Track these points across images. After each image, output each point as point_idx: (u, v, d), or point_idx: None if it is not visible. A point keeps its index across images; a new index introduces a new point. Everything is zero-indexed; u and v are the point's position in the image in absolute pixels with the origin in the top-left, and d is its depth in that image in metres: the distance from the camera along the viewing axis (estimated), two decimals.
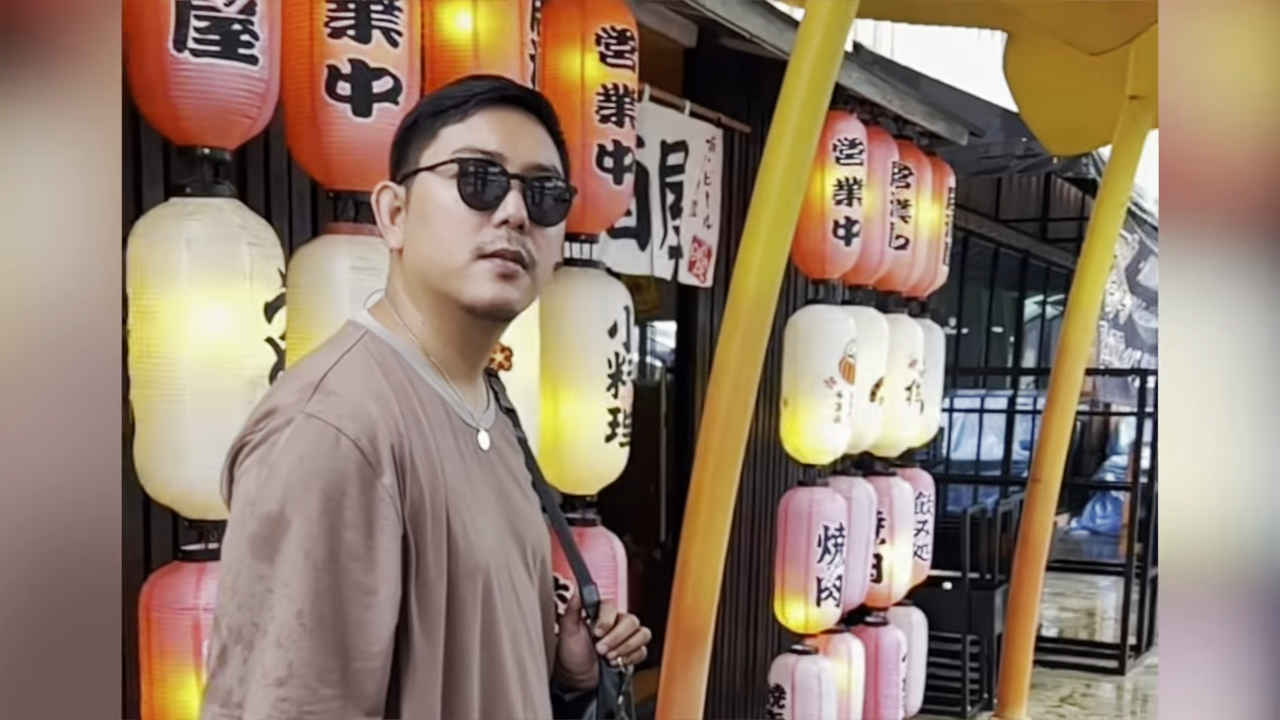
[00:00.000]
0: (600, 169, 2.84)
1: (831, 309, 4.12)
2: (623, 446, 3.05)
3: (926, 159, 4.67)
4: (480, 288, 1.34)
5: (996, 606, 5.91)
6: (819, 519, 4.15)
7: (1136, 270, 8.24)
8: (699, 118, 3.83)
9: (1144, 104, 3.72)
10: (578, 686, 1.63)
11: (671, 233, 3.71)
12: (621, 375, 2.97)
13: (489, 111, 1.37)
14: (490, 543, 1.39)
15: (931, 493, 5.14)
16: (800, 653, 4.28)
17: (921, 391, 4.82)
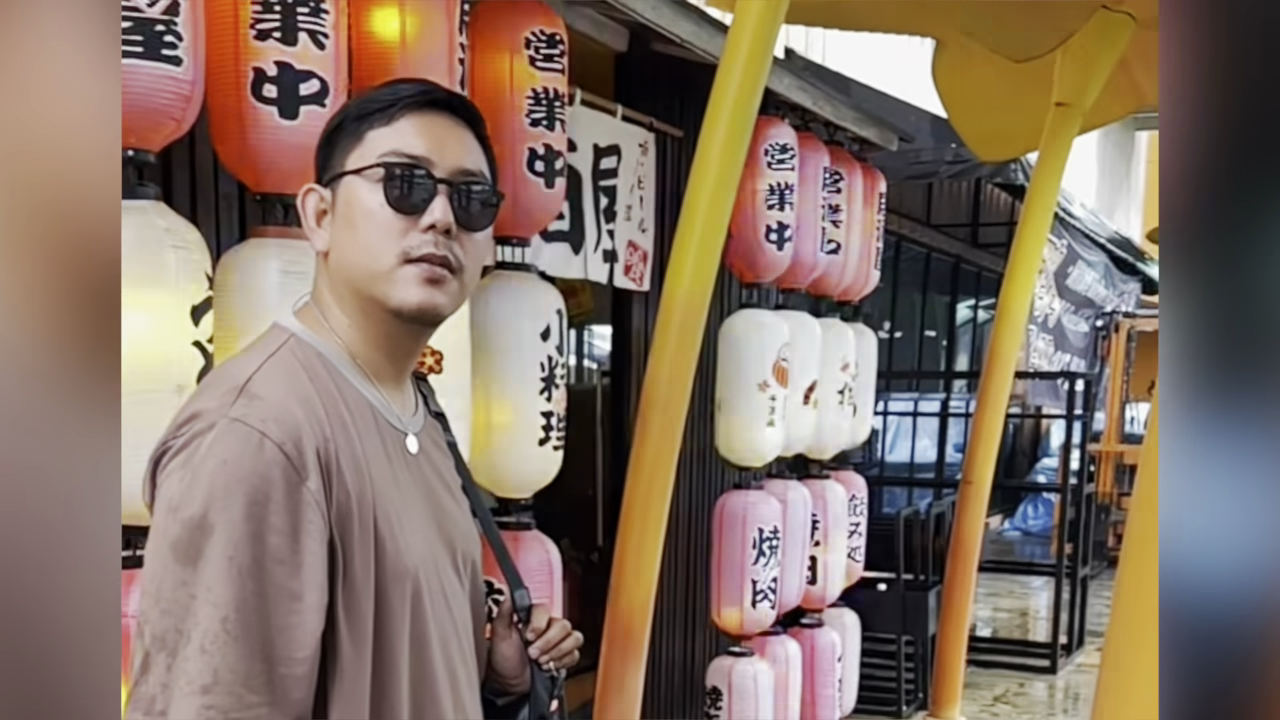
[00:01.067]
0: (531, 172, 2.83)
1: (764, 313, 4.15)
2: (557, 450, 3.05)
3: (857, 164, 4.72)
4: (407, 292, 1.34)
5: (930, 607, 5.97)
6: (753, 522, 4.17)
7: (1065, 275, 8.37)
8: (631, 122, 3.83)
9: (1069, 111, 3.79)
10: (510, 691, 1.63)
11: (605, 236, 3.72)
12: (555, 379, 2.97)
13: (416, 115, 1.37)
14: (419, 547, 1.39)
15: (864, 495, 5.18)
16: (737, 654, 4.30)
17: (854, 395, 4.86)
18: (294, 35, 2.12)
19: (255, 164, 2.17)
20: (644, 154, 3.90)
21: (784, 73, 4.12)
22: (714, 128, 2.51)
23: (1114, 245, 9.77)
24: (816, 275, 4.47)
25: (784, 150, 4.01)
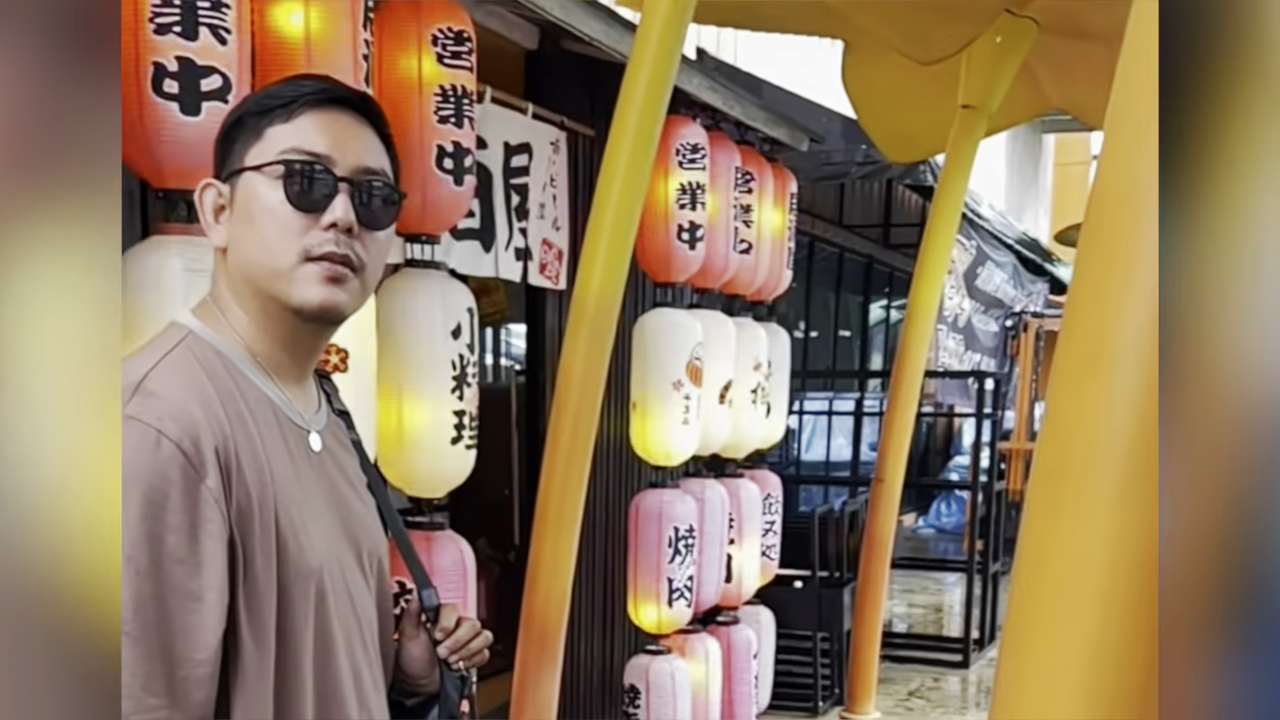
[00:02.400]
0: (440, 170, 2.82)
1: (678, 312, 4.17)
2: (469, 449, 3.03)
3: (768, 164, 4.74)
4: (308, 291, 1.34)
5: (846, 604, 6.03)
6: (669, 520, 4.19)
7: (974, 275, 8.50)
8: (543, 120, 3.83)
9: (975, 113, 3.87)
10: (419, 692, 1.62)
11: (518, 234, 3.70)
12: (466, 377, 2.96)
13: (316, 113, 1.36)
14: (323, 546, 1.38)
15: (780, 493, 5.22)
16: (654, 653, 4.32)
17: (768, 394, 4.90)
18: (195, 30, 2.08)
19: (156, 160, 2.13)
20: (556, 152, 3.90)
21: (694, 72, 4.14)
22: (623, 126, 2.53)
23: (1022, 246, 9.95)
24: (729, 275, 4.49)
25: (695, 150, 4.04)
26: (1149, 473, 1.01)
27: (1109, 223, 1.06)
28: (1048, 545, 1.08)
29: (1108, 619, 1.03)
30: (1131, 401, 1.02)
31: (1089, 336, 1.06)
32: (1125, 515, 1.02)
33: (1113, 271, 1.04)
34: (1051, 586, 1.08)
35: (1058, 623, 1.07)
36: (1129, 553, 1.02)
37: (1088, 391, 1.05)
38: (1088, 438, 1.05)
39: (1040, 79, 4.04)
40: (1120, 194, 1.05)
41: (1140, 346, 1.01)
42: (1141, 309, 1.01)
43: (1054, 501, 1.08)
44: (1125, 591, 1.03)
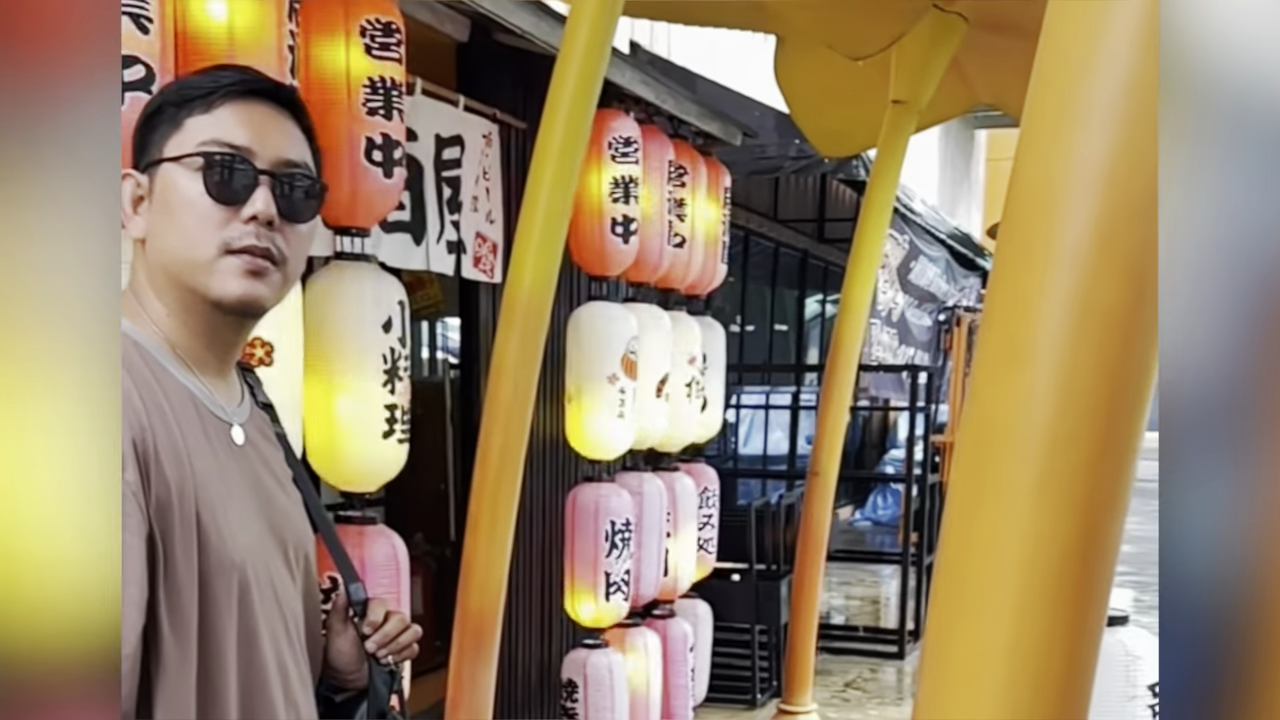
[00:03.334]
0: (369, 162, 2.80)
1: (612, 306, 4.17)
2: (402, 443, 3.02)
3: (702, 159, 4.75)
4: (227, 284, 1.33)
5: (783, 596, 6.07)
6: (605, 514, 4.19)
7: (908, 270, 8.57)
8: (474, 112, 3.81)
9: (906, 108, 3.90)
10: (348, 687, 1.61)
11: (450, 228, 3.68)
12: (398, 371, 2.94)
13: (236, 104, 1.35)
14: (246, 540, 1.36)
15: (716, 487, 5.24)
16: (591, 647, 4.32)
17: (703, 388, 4.92)
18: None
19: None
20: (488, 145, 3.88)
21: (626, 66, 4.14)
22: (553, 119, 2.52)
23: (955, 241, 10.06)
24: (664, 269, 4.50)
25: (628, 143, 4.04)
26: (1068, 466, 1.03)
27: (1027, 217, 1.07)
28: (968, 538, 1.09)
29: (1028, 610, 1.04)
30: (1050, 396, 1.03)
31: (1008, 331, 1.07)
32: (1044, 508, 1.03)
33: (1031, 265, 1.05)
34: (972, 579, 1.09)
35: (978, 614, 1.08)
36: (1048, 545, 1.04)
37: (1006, 386, 1.06)
38: (1007, 432, 1.05)
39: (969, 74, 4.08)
40: (1038, 188, 1.06)
41: (1058, 341, 1.02)
42: (1059, 303, 1.02)
43: (974, 495, 1.09)
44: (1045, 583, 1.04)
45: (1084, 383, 1.03)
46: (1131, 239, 1.02)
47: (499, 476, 3.03)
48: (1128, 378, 1.04)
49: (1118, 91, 0.99)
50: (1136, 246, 1.03)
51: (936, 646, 1.12)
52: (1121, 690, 3.30)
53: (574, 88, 2.45)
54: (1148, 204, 1.02)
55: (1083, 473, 1.03)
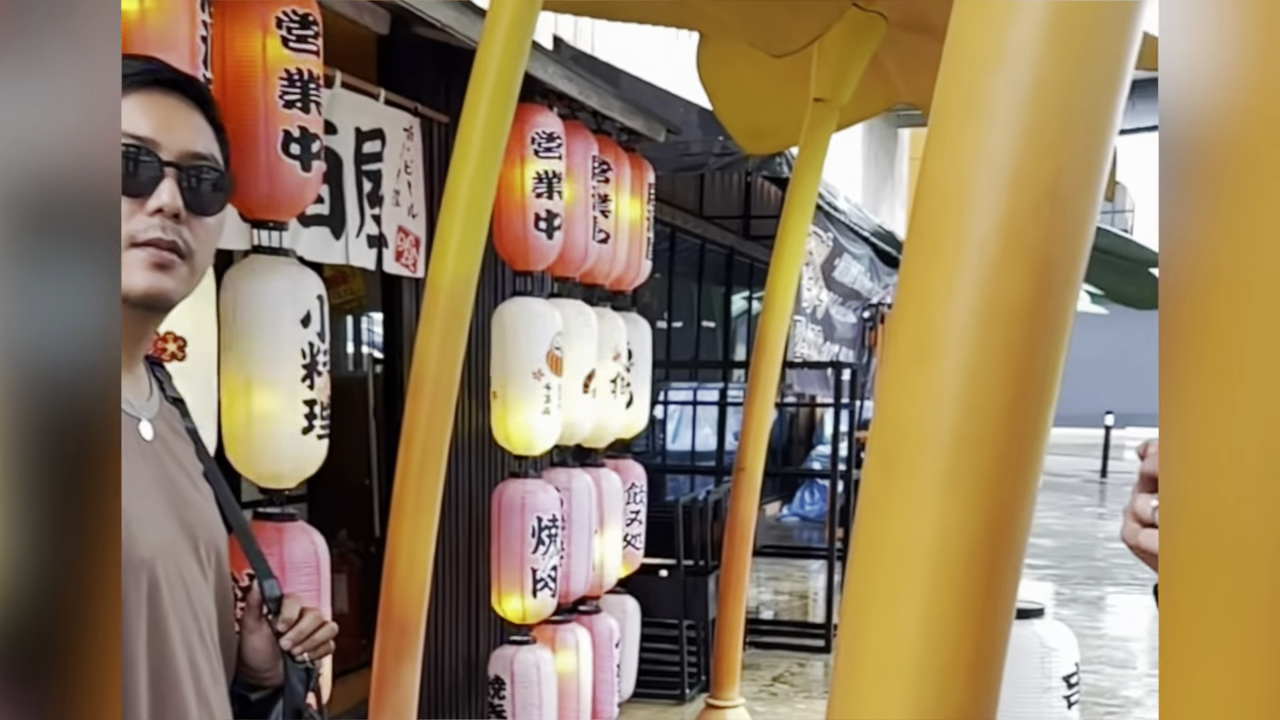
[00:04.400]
0: (286, 155, 2.76)
1: (537, 301, 4.16)
2: (322, 439, 2.98)
3: (625, 155, 4.75)
4: (132, 277, 1.30)
5: (710, 591, 6.09)
6: (532, 510, 4.18)
7: (832, 267, 8.63)
8: (396, 106, 3.77)
9: (827, 106, 3.93)
10: (263, 685, 1.59)
11: (371, 222, 3.65)
12: (317, 366, 2.91)
13: (141, 95, 1.33)
14: (155, 536, 1.34)
15: (644, 483, 5.25)
16: (519, 643, 4.31)
17: (629, 384, 4.92)
18: None
19: None
20: (410, 138, 3.85)
21: (549, 61, 4.13)
22: (474, 113, 2.51)
23: (878, 239, 10.15)
24: (589, 264, 4.50)
25: (551, 139, 4.03)
26: (975, 462, 1.04)
27: (934, 214, 1.08)
28: (880, 532, 1.10)
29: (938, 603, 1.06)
30: (957, 393, 1.03)
31: (916, 329, 1.07)
32: (952, 504, 1.04)
33: (938, 263, 1.06)
34: (883, 573, 1.10)
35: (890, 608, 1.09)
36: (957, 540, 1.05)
37: (915, 383, 1.06)
38: (915, 429, 1.06)
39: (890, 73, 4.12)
40: (944, 185, 1.07)
41: (965, 338, 1.03)
42: (966, 300, 1.03)
43: (884, 491, 1.09)
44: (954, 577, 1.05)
45: (991, 380, 1.04)
46: (1037, 235, 1.04)
47: (422, 472, 3.01)
48: (1034, 374, 1.06)
49: (1023, 87, 1.00)
50: (1042, 243, 1.04)
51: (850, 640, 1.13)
52: (1037, 682, 3.36)
53: (494, 82, 2.44)
54: (1053, 200, 1.04)
55: (990, 468, 1.05)
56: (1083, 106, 1.03)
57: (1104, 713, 6.16)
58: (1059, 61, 1.00)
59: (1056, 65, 1.00)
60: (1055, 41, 1.00)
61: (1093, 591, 9.36)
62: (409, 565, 3.06)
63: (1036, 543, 11.82)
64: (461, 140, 2.55)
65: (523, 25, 2.45)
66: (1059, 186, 1.03)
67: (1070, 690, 3.37)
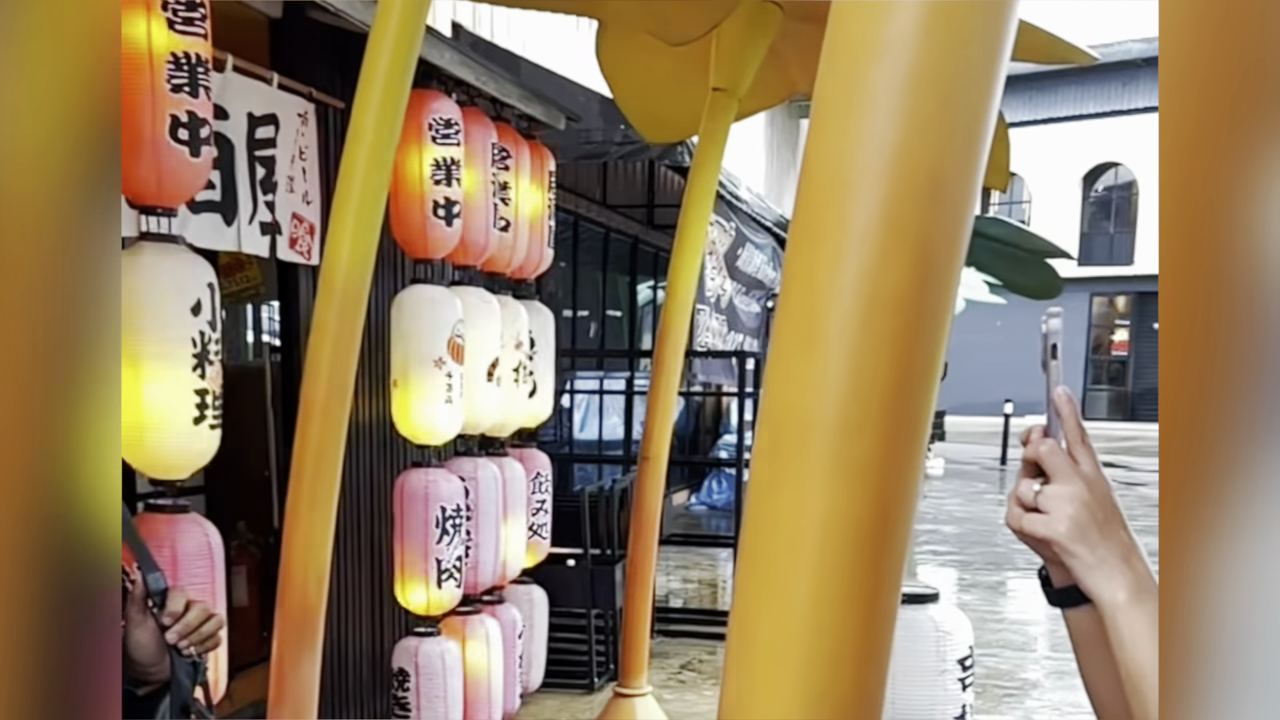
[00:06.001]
0: (174, 140, 2.70)
1: (436, 289, 4.12)
2: (214, 429, 2.93)
3: (525, 142, 4.71)
4: None
5: (618, 580, 6.08)
6: (435, 500, 4.15)
7: (735, 257, 8.68)
8: (289, 91, 3.70)
9: (726, 96, 3.95)
10: (150, 680, 1.57)
11: (264, 208, 3.57)
12: (208, 355, 2.85)
13: None
14: None
15: (549, 472, 5.24)
16: (423, 635, 4.27)
17: (533, 373, 4.90)
18: None
19: None
20: (305, 124, 3.78)
21: (446, 47, 4.08)
22: (367, 99, 2.48)
23: (780, 229, 10.20)
24: (490, 252, 4.46)
25: (449, 125, 3.98)
26: (860, 449, 1.05)
27: (817, 204, 1.08)
28: (768, 521, 1.11)
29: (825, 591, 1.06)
30: (841, 381, 1.04)
31: (801, 317, 1.08)
32: (838, 490, 1.05)
33: (822, 252, 1.07)
34: (772, 560, 1.11)
35: (779, 596, 1.10)
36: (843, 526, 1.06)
37: (800, 371, 1.07)
38: (802, 417, 1.07)
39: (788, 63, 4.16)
40: (826, 175, 1.07)
41: (848, 326, 1.04)
42: (850, 289, 1.04)
43: (772, 479, 1.10)
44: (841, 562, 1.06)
45: (874, 367, 1.05)
46: (918, 224, 1.05)
47: (319, 462, 2.97)
48: (916, 362, 1.07)
49: (902, 78, 1.01)
50: (923, 232, 1.05)
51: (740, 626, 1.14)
52: (933, 665, 3.43)
53: (387, 67, 2.41)
54: (933, 190, 1.05)
55: (875, 455, 1.05)
56: (960, 96, 1.04)
57: (1003, 695, 6.28)
58: (936, 52, 1.01)
59: (934, 56, 1.01)
60: (932, 32, 1.01)
61: (993, 577, 9.54)
62: (306, 556, 3.03)
63: (938, 529, 12.03)
64: (355, 126, 2.51)
65: (415, 9, 2.43)
66: (939, 175, 1.04)
67: (965, 673, 3.44)
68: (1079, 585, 1.13)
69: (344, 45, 3.83)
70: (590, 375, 10.07)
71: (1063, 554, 1.12)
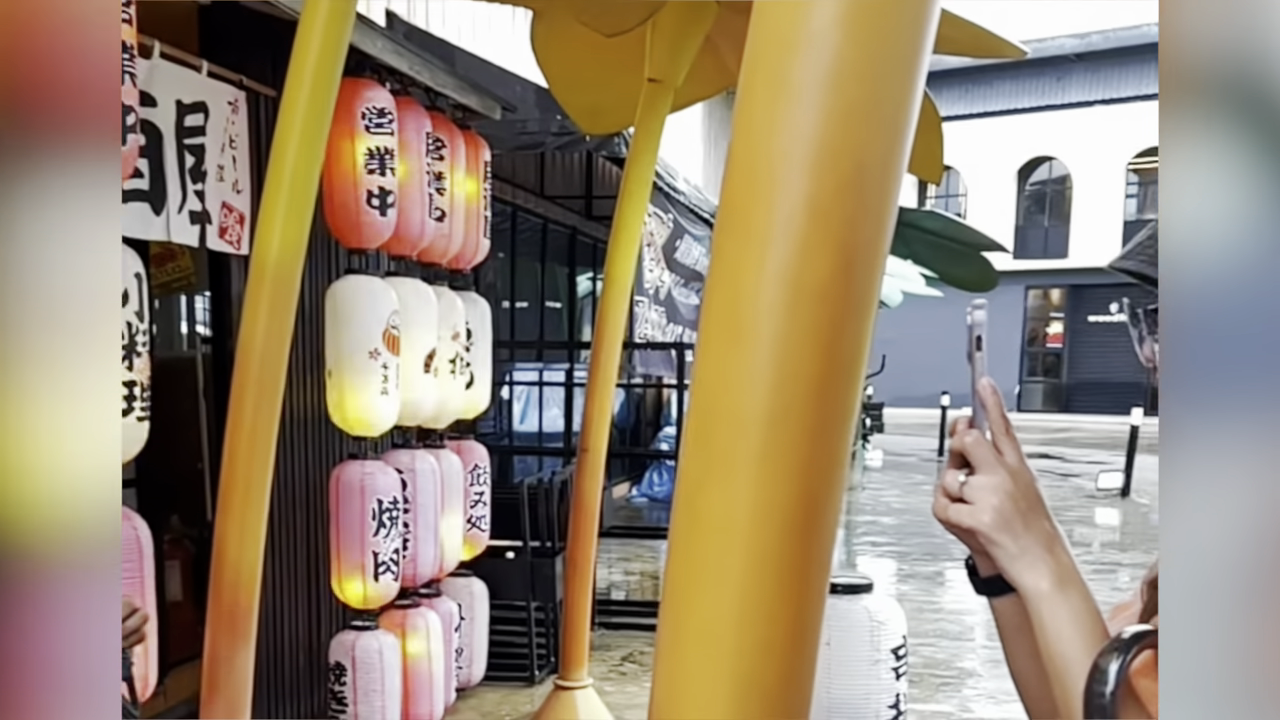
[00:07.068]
0: None
1: (371, 279, 4.07)
2: (142, 421, 2.88)
3: (460, 132, 4.67)
4: None
5: (558, 572, 6.08)
6: (372, 492, 4.11)
7: (673, 248, 8.68)
8: (219, 79, 3.64)
9: (661, 87, 3.94)
10: None
11: (194, 197, 3.52)
12: (136, 346, 2.80)
13: None
14: None
15: (487, 464, 5.21)
16: (360, 628, 4.24)
17: (469, 364, 4.86)
18: None
19: None
20: (235, 112, 3.72)
21: (378, 36, 4.04)
22: (297, 87, 2.45)
23: None
24: (426, 242, 4.42)
25: (382, 114, 3.94)
26: (786, 440, 1.05)
27: (742, 197, 1.08)
28: (698, 512, 1.11)
29: (754, 580, 1.07)
30: (767, 372, 1.04)
31: (727, 309, 1.08)
32: (764, 481, 1.05)
33: (748, 244, 1.07)
34: (702, 550, 1.11)
35: (709, 584, 1.10)
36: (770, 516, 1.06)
37: (726, 363, 1.07)
38: (729, 408, 1.07)
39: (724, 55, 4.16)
40: (751, 167, 1.07)
41: (774, 317, 1.04)
42: (774, 280, 1.04)
43: (701, 470, 1.10)
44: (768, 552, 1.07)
45: (799, 359, 1.05)
46: (841, 217, 1.05)
47: (250, 454, 2.94)
48: (841, 352, 1.07)
49: (825, 70, 1.01)
50: (846, 224, 1.05)
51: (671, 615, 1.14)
52: (867, 654, 3.46)
53: (317, 54, 2.38)
54: (856, 182, 1.05)
55: (801, 445, 1.06)
56: (883, 88, 1.04)
57: (940, 683, 6.35)
58: (858, 44, 1.01)
59: (856, 48, 1.01)
60: (854, 25, 1.01)
61: (930, 567, 9.63)
62: (239, 549, 3.00)
63: (876, 520, 12.14)
64: (285, 114, 2.48)
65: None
66: (863, 166, 1.05)
67: (898, 662, 3.47)
68: (1003, 574, 1.14)
69: (275, 32, 3.77)
70: (530, 367, 10.04)
71: (987, 544, 1.13)
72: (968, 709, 5.97)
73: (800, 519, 1.08)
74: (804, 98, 1.03)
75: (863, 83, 1.02)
